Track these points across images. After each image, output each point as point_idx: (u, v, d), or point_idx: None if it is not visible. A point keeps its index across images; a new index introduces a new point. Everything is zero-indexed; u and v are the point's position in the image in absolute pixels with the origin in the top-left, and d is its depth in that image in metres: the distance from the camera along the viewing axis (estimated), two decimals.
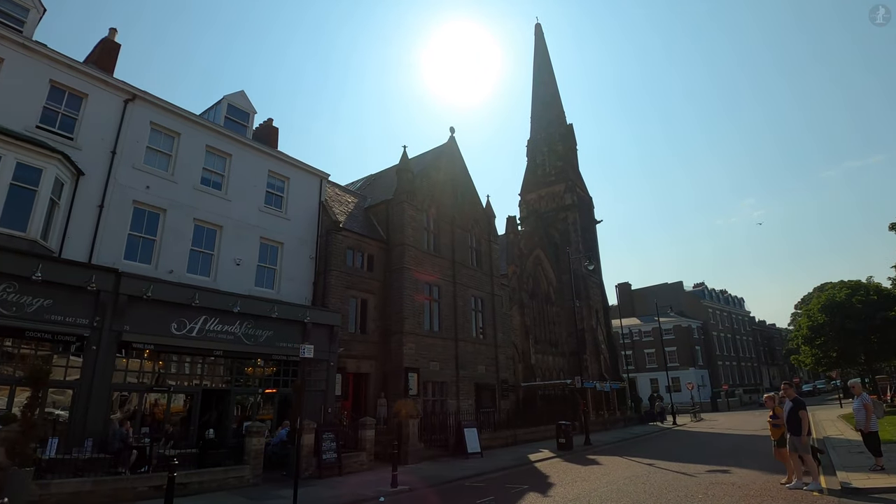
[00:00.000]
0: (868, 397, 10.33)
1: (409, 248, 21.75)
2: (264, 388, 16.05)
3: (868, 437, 10.21)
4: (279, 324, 16.53)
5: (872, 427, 10.06)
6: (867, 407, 10.09)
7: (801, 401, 9.65)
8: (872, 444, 10.20)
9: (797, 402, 9.59)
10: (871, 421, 10.04)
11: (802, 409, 9.47)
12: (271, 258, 18.74)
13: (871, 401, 10.27)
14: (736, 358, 69.85)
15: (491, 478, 12.88)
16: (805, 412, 9.35)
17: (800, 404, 9.56)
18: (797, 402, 9.59)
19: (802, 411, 9.41)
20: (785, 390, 10.02)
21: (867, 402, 10.17)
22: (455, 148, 27.56)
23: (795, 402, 9.59)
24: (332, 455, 13.11)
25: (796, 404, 9.56)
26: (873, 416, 10.12)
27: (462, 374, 23.28)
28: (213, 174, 17.87)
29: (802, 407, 9.49)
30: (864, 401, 10.22)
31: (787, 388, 10.07)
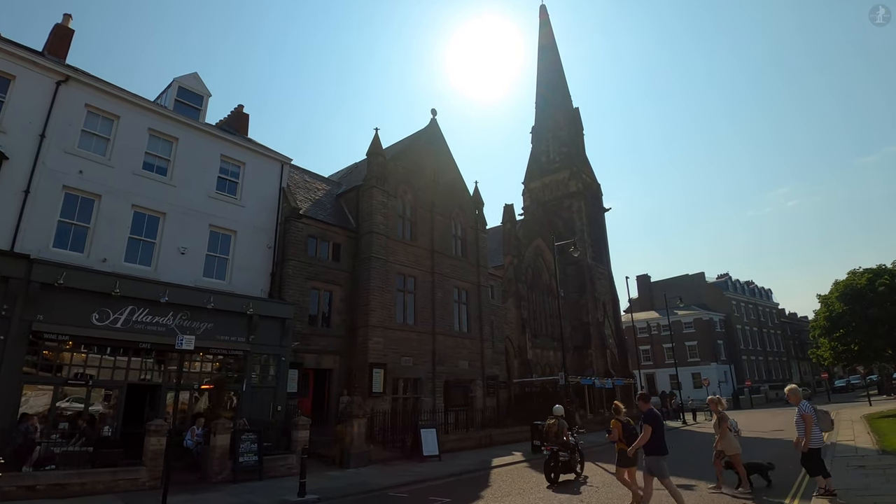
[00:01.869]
0: (809, 407, 8.08)
1: (377, 237, 20.36)
2: (200, 384, 14.93)
3: (806, 455, 8.09)
4: (220, 316, 15.40)
5: (813, 443, 7.92)
6: (806, 419, 7.93)
7: (652, 414, 7.70)
8: (812, 463, 8.06)
9: (645, 416, 7.73)
10: (810, 436, 7.94)
11: (648, 422, 7.56)
12: (223, 247, 17.63)
13: (815, 411, 8.07)
14: (763, 352, 66.14)
15: (425, 487, 11.44)
16: (649, 427, 7.45)
17: (647, 418, 7.67)
18: (645, 416, 7.73)
19: (647, 426, 7.53)
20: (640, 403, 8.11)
21: (806, 412, 7.99)
22: (437, 132, 26.00)
23: (644, 416, 7.76)
24: (252, 458, 11.90)
25: (644, 417, 7.73)
26: (815, 429, 7.97)
27: (440, 370, 21.81)
28: (158, 159, 16.84)
29: (648, 421, 7.58)
30: (802, 411, 8.07)
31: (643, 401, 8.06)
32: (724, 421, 9.75)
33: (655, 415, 7.63)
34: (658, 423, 7.56)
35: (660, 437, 7.49)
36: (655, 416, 7.61)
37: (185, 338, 9.48)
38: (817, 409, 8.14)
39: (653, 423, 7.47)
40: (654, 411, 7.73)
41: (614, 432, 8.54)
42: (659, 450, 7.47)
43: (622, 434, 8.41)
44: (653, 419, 7.52)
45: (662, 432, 7.61)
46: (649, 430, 7.43)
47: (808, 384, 69.97)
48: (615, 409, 8.95)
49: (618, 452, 8.59)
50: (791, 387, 8.50)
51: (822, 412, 8.18)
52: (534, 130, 46.05)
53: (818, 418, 8.05)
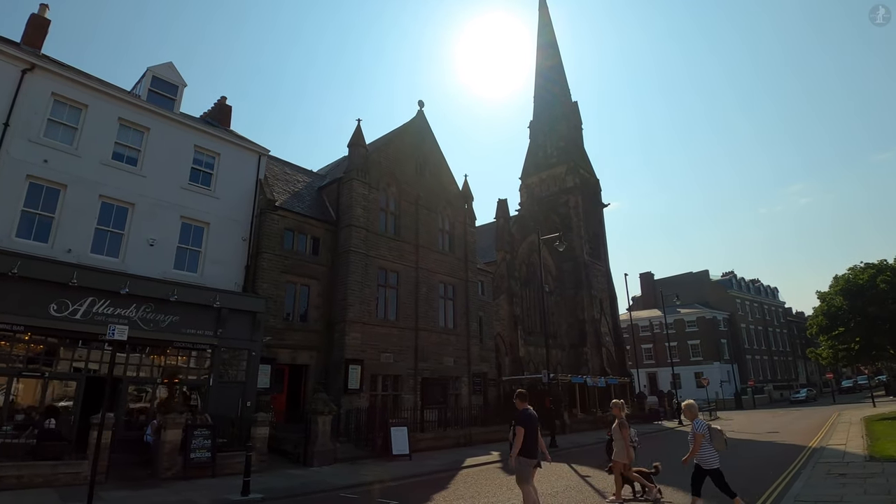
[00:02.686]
0: (703, 425, 7.52)
1: (356, 230, 19.89)
2: (163, 378, 14.58)
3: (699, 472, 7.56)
4: (187, 309, 15.02)
5: (707, 463, 7.37)
6: (696, 438, 7.41)
7: (527, 415, 7.23)
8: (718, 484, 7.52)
9: (519, 417, 7.27)
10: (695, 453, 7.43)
11: (520, 424, 7.12)
12: (195, 239, 17.26)
13: (709, 429, 7.50)
14: (768, 352, 64.94)
15: (382, 487, 10.97)
16: (522, 429, 7.03)
17: (520, 419, 7.20)
18: (519, 417, 7.27)
19: (519, 427, 7.10)
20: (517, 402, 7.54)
21: (698, 431, 7.44)
22: (424, 124, 25.46)
23: (517, 417, 7.30)
24: (205, 454, 11.51)
25: (517, 419, 7.27)
26: (709, 448, 7.41)
27: (422, 366, 21.34)
28: (127, 149, 16.49)
29: (521, 422, 7.14)
30: (694, 430, 7.52)
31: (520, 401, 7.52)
32: (624, 428, 9.21)
33: (530, 416, 7.21)
34: (531, 424, 7.12)
35: (532, 439, 7.06)
36: (529, 417, 7.19)
37: (118, 327, 9.06)
38: (712, 427, 7.59)
39: (525, 425, 7.04)
40: (530, 412, 7.29)
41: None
42: (530, 453, 7.06)
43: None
44: (526, 421, 7.09)
45: (536, 435, 7.15)
46: (522, 433, 6.99)
47: (815, 384, 68.72)
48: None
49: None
50: (687, 402, 7.99)
51: (716, 431, 7.55)
52: (532, 125, 45.31)
53: (711, 437, 7.48)
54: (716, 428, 7.51)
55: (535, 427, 7.19)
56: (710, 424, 7.61)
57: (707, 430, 7.44)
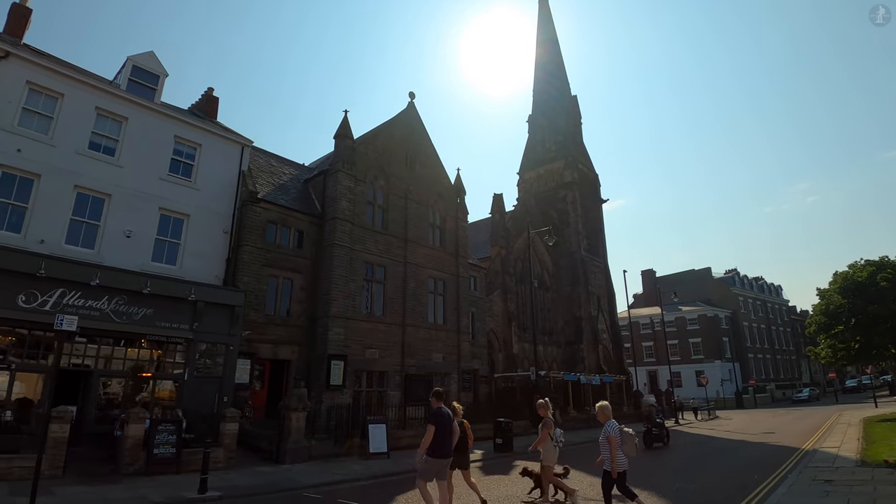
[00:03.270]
0: (615, 428, 7.18)
1: (340, 223, 19.50)
2: (137, 372, 14.29)
3: (607, 478, 7.22)
4: (161, 301, 14.72)
5: (619, 466, 7.03)
6: (610, 441, 7.07)
7: (438, 414, 7.14)
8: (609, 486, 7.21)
9: (429, 415, 7.25)
10: (616, 459, 7.05)
11: (430, 422, 7.09)
12: (174, 231, 16.95)
13: (622, 433, 7.16)
14: (770, 350, 64.14)
15: (349, 487, 10.62)
16: (431, 427, 6.99)
17: (431, 417, 7.18)
18: (429, 415, 7.25)
19: (429, 426, 7.05)
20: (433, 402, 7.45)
21: (611, 433, 7.14)
22: (414, 116, 25.01)
23: (429, 415, 7.28)
24: (169, 450, 11.19)
25: (428, 417, 7.32)
26: (619, 453, 7.06)
27: (409, 362, 20.97)
28: (105, 138, 16.19)
29: (431, 420, 7.11)
30: (607, 432, 7.23)
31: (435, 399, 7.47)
32: (548, 427, 8.83)
33: (440, 415, 7.11)
34: (442, 423, 7.02)
35: (440, 438, 6.96)
36: (440, 416, 7.10)
37: (66, 317, 8.74)
38: (624, 430, 7.26)
39: (435, 423, 6.98)
40: (441, 411, 7.18)
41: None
42: (438, 452, 6.96)
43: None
44: (436, 419, 7.03)
45: (445, 434, 7.05)
46: (431, 431, 6.93)
47: (818, 384, 67.85)
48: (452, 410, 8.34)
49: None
50: (601, 404, 7.63)
51: (627, 434, 7.22)
52: (530, 119, 44.70)
53: (623, 441, 7.15)
54: (628, 432, 7.23)
55: (445, 426, 7.08)
56: (623, 428, 7.30)
57: (619, 434, 7.15)
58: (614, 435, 7.07)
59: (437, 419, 7.05)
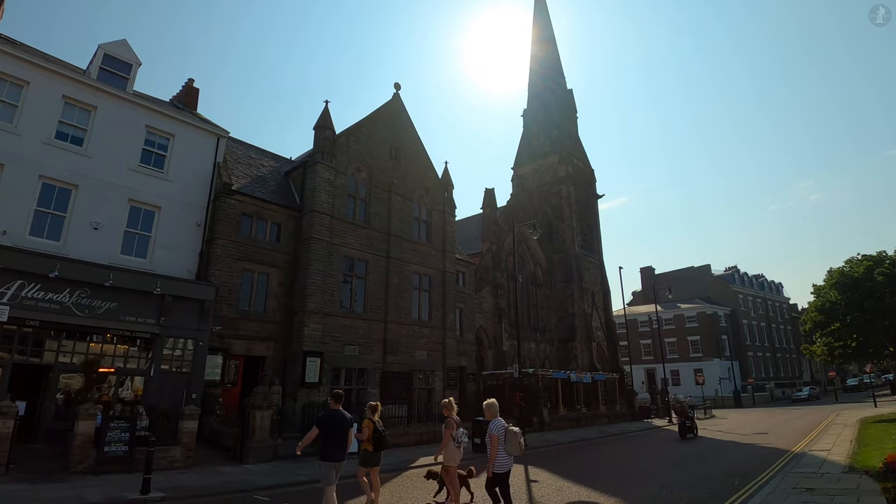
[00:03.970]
0: (499, 426, 6.85)
1: (319, 216, 19.00)
2: (98, 367, 13.85)
3: (491, 480, 6.85)
4: (127, 295, 14.26)
5: (497, 467, 6.68)
6: (492, 439, 6.73)
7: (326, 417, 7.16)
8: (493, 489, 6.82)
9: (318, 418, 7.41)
10: (494, 458, 6.76)
11: (317, 424, 7.17)
12: (144, 224, 16.49)
13: (506, 431, 6.83)
14: (770, 349, 63.39)
15: (307, 489, 10.13)
16: (316, 429, 7.06)
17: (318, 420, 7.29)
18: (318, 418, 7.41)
19: (315, 427, 7.14)
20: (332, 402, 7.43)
21: (494, 432, 6.82)
22: (400, 108, 24.46)
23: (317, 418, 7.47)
24: (122, 448, 10.72)
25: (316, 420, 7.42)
26: (501, 452, 6.71)
27: (391, 360, 20.48)
28: (73, 128, 15.74)
29: (317, 423, 7.19)
30: (490, 430, 6.86)
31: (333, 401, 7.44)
32: (449, 428, 8.47)
33: (329, 418, 7.09)
34: (328, 426, 7.01)
35: (329, 442, 6.93)
36: (328, 419, 7.09)
37: None
38: (509, 429, 6.91)
39: (321, 426, 7.00)
40: (330, 414, 7.18)
41: (365, 431, 8.23)
42: (326, 455, 6.93)
43: (371, 435, 8.16)
44: (322, 422, 7.07)
45: (335, 437, 6.99)
46: (314, 433, 6.96)
47: (819, 382, 67.08)
48: (371, 409, 8.52)
49: (362, 452, 8.32)
50: (488, 402, 7.35)
51: (512, 433, 6.85)
52: (525, 114, 44.05)
53: (506, 439, 6.81)
54: (513, 430, 6.89)
55: (332, 429, 7.01)
56: (509, 427, 6.94)
57: (504, 432, 6.77)
58: (496, 433, 6.78)
59: (324, 422, 7.01)
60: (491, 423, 6.96)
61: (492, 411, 7.12)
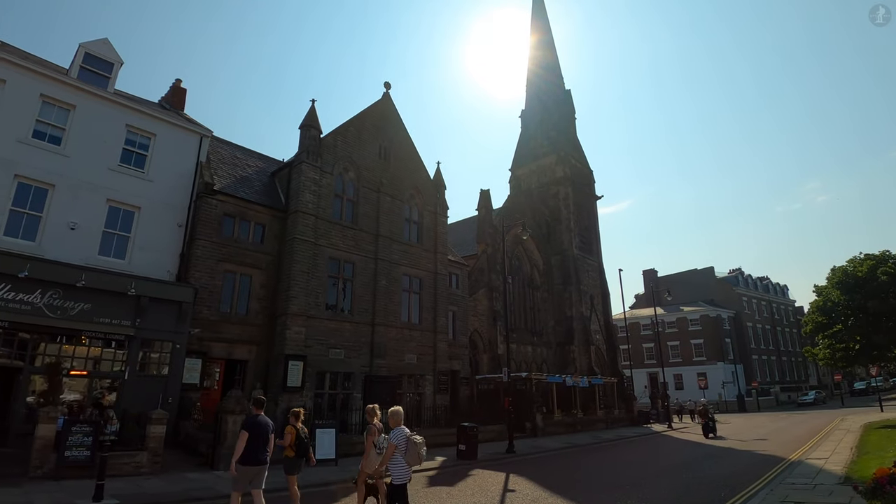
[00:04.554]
0: (403, 435, 6.48)
1: (303, 216, 18.64)
2: (69, 370, 13.53)
3: (390, 491, 6.50)
4: (101, 296, 13.96)
5: (396, 478, 6.31)
6: (389, 448, 6.47)
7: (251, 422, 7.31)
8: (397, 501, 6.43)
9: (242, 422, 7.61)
10: (384, 465, 6.53)
11: (244, 429, 7.25)
12: (123, 224, 16.22)
13: (408, 441, 6.43)
14: (776, 352, 62.44)
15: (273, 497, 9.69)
16: (244, 433, 7.13)
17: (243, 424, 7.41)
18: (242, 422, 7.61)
19: (242, 432, 7.20)
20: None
21: (392, 440, 6.49)
22: (390, 107, 24.13)
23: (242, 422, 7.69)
24: (84, 453, 10.36)
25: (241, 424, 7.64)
26: (399, 461, 6.35)
27: (379, 363, 20.04)
28: (50, 127, 15.52)
29: (244, 427, 7.29)
30: (391, 439, 6.58)
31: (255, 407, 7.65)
32: (371, 435, 8.19)
33: (254, 423, 7.27)
34: (253, 430, 7.18)
35: (251, 446, 7.10)
36: (253, 424, 7.26)
37: None
38: (412, 438, 6.54)
39: (248, 431, 7.16)
40: (256, 419, 7.33)
41: (287, 437, 8.17)
42: (245, 459, 7.08)
43: (293, 441, 8.17)
44: (248, 426, 7.22)
45: (256, 441, 7.16)
46: (244, 437, 7.06)
47: (826, 386, 65.94)
48: (294, 415, 8.48)
49: (286, 459, 8.29)
50: (393, 409, 7.01)
51: (413, 443, 6.51)
52: (523, 114, 43.65)
53: (406, 449, 6.49)
54: (415, 441, 6.54)
55: (257, 433, 7.17)
56: (411, 436, 6.60)
57: (405, 442, 6.48)
58: (394, 441, 6.46)
59: (250, 427, 7.15)
60: (393, 431, 6.65)
61: (396, 419, 6.82)
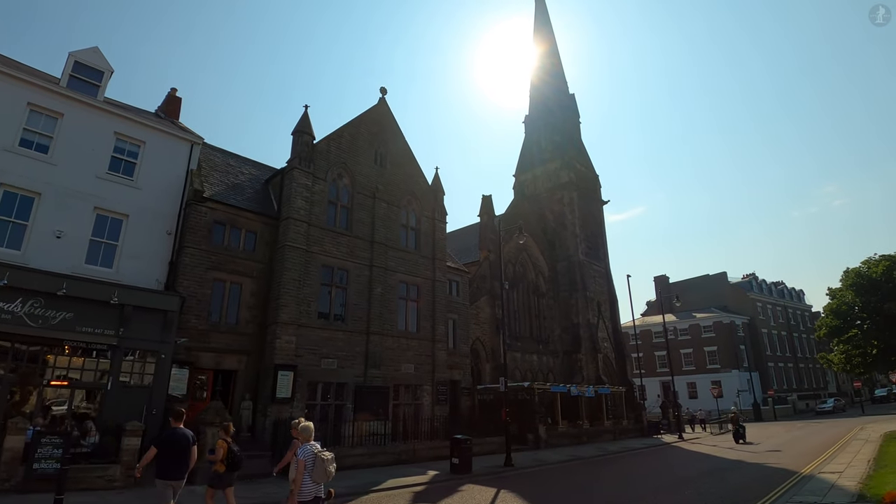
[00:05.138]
0: (310, 451, 6.23)
1: (294, 223, 18.32)
2: (50, 380, 13.24)
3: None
4: (83, 305, 13.67)
5: (302, 495, 6.12)
6: (298, 464, 6.23)
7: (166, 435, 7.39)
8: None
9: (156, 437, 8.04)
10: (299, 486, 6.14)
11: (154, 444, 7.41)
12: (112, 233, 16.03)
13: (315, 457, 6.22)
14: (792, 358, 60.67)
15: None
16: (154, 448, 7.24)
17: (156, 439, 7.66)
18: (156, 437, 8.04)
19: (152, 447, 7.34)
20: None
21: (301, 457, 6.26)
22: (386, 112, 23.83)
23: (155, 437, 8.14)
24: (53, 465, 9.98)
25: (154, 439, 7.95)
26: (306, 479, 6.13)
27: (374, 373, 19.54)
28: (38, 135, 15.43)
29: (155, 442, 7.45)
30: (299, 455, 6.33)
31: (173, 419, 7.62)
32: (292, 450, 7.76)
33: (168, 436, 7.25)
34: (165, 445, 7.16)
35: (165, 460, 7.09)
36: (168, 437, 7.24)
37: None
38: (319, 455, 6.34)
39: (158, 445, 7.17)
40: (171, 432, 7.32)
41: (219, 452, 8.01)
42: (162, 473, 7.08)
43: (225, 456, 7.99)
44: (160, 441, 7.22)
45: (171, 455, 7.14)
46: (153, 452, 7.05)
47: (846, 393, 63.85)
48: (224, 429, 8.43)
49: (213, 473, 8.16)
50: (303, 424, 6.80)
51: (322, 460, 6.28)
52: (527, 120, 43.24)
53: (313, 466, 6.25)
54: (322, 457, 6.32)
55: (171, 448, 7.12)
56: (319, 452, 6.38)
57: (312, 458, 6.27)
58: (302, 458, 6.25)
59: (163, 441, 7.11)
60: (301, 447, 6.44)
61: (305, 435, 6.58)
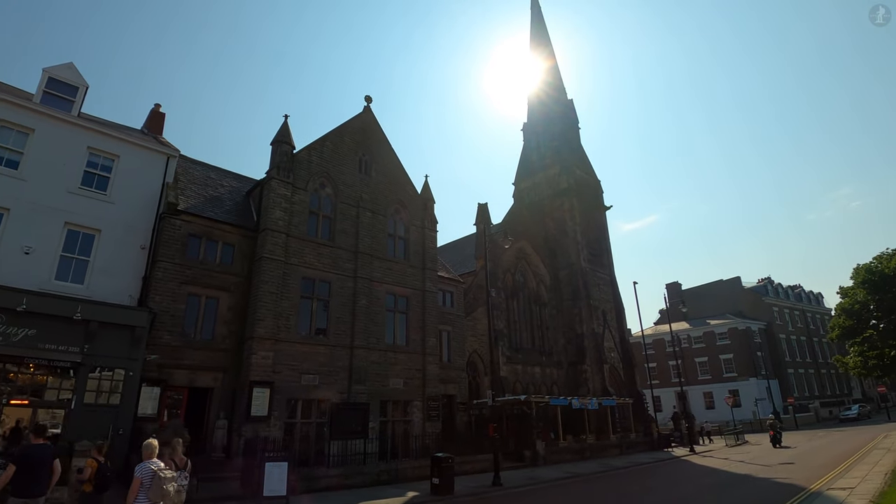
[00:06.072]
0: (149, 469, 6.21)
1: (272, 234, 17.83)
2: (9, 399, 12.76)
3: None
4: (46, 321, 13.24)
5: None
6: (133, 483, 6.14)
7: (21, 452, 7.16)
8: None
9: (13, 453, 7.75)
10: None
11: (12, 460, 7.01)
12: (83, 248, 15.67)
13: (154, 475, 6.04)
14: (813, 364, 58.27)
15: None
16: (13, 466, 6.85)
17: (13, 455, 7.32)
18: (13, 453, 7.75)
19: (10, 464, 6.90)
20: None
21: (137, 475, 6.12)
22: (371, 121, 23.42)
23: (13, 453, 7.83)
24: None
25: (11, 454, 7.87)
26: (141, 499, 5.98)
27: (358, 389, 18.77)
28: (7, 151, 15.25)
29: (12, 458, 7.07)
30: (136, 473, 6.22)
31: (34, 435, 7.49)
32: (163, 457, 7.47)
33: (24, 454, 7.07)
34: (22, 462, 6.94)
35: (23, 476, 6.87)
36: (23, 454, 7.06)
37: None
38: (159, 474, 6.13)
39: (16, 462, 6.94)
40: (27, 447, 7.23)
41: (87, 471, 7.56)
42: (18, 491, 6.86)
43: (94, 475, 7.48)
44: (16, 458, 7.00)
45: (28, 471, 6.93)
46: (11, 470, 6.81)
47: (872, 399, 61.01)
48: (97, 448, 7.87)
49: (79, 495, 7.81)
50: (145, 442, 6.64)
51: (161, 478, 6.07)
52: (525, 127, 42.68)
53: (150, 484, 6.08)
54: (161, 476, 6.12)
55: (28, 465, 6.91)
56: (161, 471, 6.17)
57: (150, 477, 6.12)
58: (139, 476, 6.08)
59: (19, 458, 6.93)
60: (139, 465, 6.25)
61: (147, 453, 6.46)
